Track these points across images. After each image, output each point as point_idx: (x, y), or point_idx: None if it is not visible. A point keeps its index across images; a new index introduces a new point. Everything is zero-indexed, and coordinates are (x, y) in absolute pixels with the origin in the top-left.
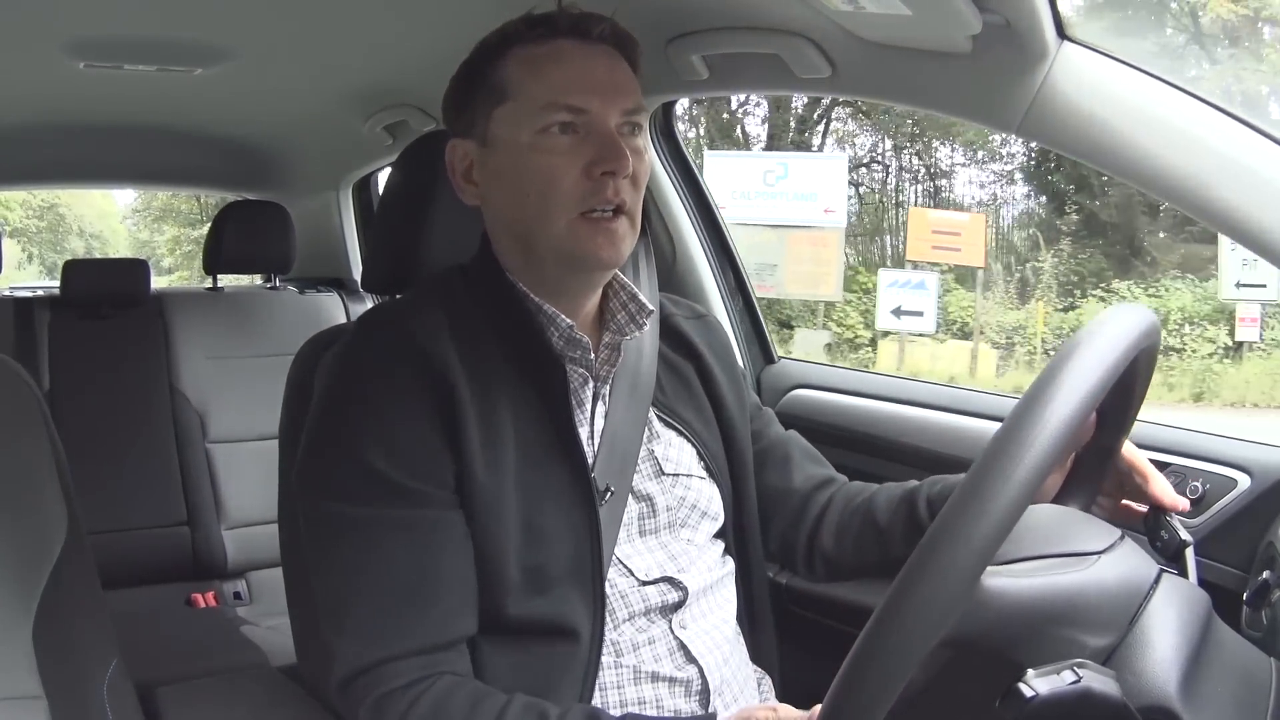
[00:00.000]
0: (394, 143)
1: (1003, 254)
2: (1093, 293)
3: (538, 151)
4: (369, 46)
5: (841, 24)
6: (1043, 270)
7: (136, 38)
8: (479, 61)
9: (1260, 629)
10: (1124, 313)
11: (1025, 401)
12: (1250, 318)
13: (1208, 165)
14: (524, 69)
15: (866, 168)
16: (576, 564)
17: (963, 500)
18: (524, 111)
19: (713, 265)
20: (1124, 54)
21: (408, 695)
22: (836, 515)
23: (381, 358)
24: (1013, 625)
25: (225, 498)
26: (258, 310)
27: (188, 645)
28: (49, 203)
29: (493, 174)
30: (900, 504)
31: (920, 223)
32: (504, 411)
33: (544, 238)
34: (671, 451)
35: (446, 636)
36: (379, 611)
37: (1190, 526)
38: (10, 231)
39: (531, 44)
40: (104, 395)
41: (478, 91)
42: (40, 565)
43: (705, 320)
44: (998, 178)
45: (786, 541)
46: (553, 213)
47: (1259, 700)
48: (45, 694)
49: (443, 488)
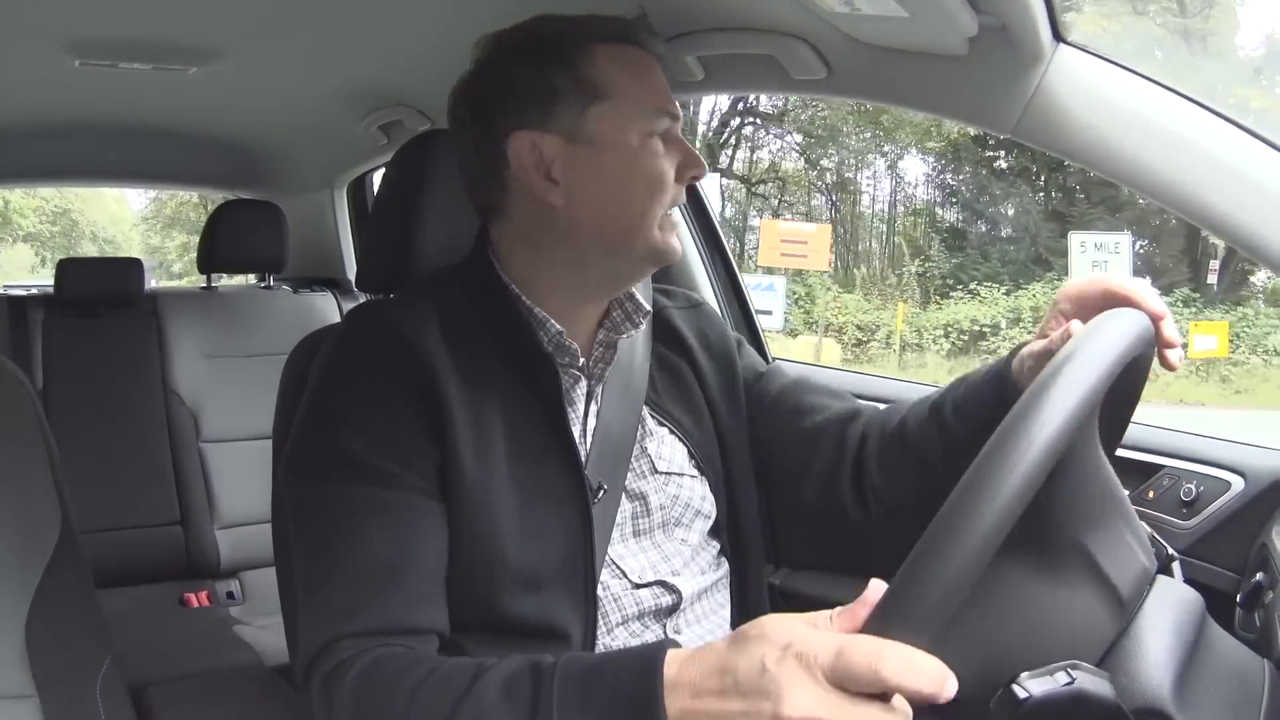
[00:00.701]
0: (389, 142)
1: (883, 260)
2: (953, 293)
3: (647, 153)
4: (364, 46)
5: (837, 25)
6: (908, 275)
7: (131, 36)
8: (559, 52)
9: (1253, 631)
10: (1122, 316)
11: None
12: None
13: (1202, 168)
14: (622, 69)
15: (763, 183)
16: (569, 563)
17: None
18: (630, 113)
19: (707, 268)
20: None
21: (349, 664)
22: (875, 447)
23: (366, 348)
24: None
25: (219, 497)
26: (252, 310)
27: (181, 645)
28: (61, 208)
29: (590, 173)
30: (930, 418)
31: (770, 233)
32: (494, 408)
33: (643, 235)
34: (664, 449)
35: (407, 623)
36: (343, 589)
37: (1184, 529)
38: (24, 236)
39: (614, 43)
40: (98, 394)
41: (563, 84)
42: (33, 564)
43: (700, 309)
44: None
45: (831, 485)
46: (655, 212)
47: (1252, 702)
48: (38, 693)
49: (422, 476)
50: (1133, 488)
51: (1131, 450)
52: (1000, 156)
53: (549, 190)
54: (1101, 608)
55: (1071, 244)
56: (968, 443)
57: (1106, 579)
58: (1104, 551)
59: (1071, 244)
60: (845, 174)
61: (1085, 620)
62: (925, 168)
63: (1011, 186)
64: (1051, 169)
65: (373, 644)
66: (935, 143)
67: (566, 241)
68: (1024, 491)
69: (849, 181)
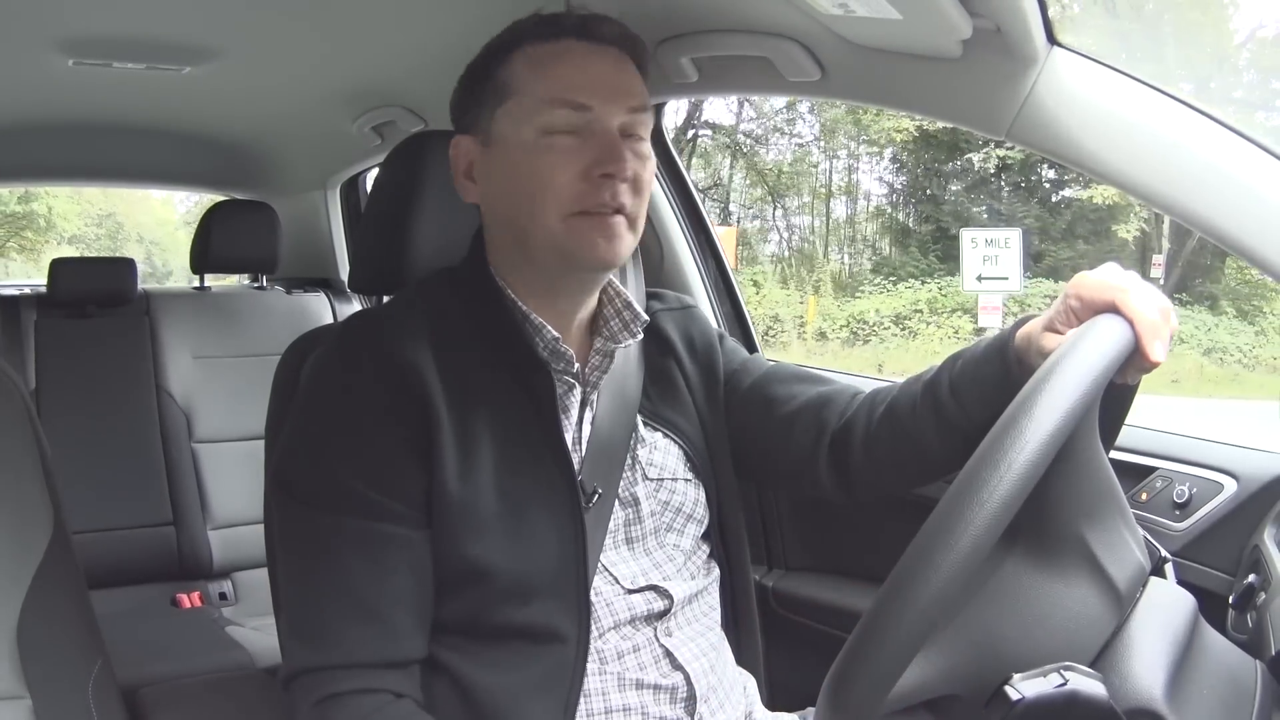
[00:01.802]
0: (382, 143)
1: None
2: (861, 290)
3: (538, 150)
4: (357, 47)
5: (831, 27)
6: (824, 271)
7: (126, 35)
8: (487, 60)
9: (1246, 631)
10: (1109, 322)
11: (1019, 403)
12: (992, 306)
13: (1195, 171)
14: (529, 67)
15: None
16: (562, 570)
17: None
18: (526, 109)
19: (699, 265)
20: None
21: (353, 704)
22: (862, 428)
23: (357, 374)
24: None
25: (211, 498)
26: (244, 310)
27: (173, 646)
28: (106, 211)
29: (492, 172)
30: (924, 398)
31: None
32: (485, 418)
33: (538, 236)
34: (656, 455)
35: (388, 656)
36: (326, 618)
37: (1177, 531)
38: (69, 239)
39: (539, 43)
40: (90, 394)
41: (483, 89)
42: (25, 564)
43: (688, 311)
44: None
45: (809, 467)
46: (547, 211)
47: (1244, 702)
48: (30, 694)
49: (410, 505)
50: (1126, 489)
51: (1125, 452)
52: (948, 159)
53: (469, 190)
54: (1099, 602)
55: (963, 240)
56: (965, 423)
57: (1104, 572)
58: (1102, 546)
59: (963, 240)
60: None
61: (1083, 615)
62: (879, 170)
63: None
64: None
65: (360, 680)
66: (878, 147)
67: (502, 241)
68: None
69: (790, 189)
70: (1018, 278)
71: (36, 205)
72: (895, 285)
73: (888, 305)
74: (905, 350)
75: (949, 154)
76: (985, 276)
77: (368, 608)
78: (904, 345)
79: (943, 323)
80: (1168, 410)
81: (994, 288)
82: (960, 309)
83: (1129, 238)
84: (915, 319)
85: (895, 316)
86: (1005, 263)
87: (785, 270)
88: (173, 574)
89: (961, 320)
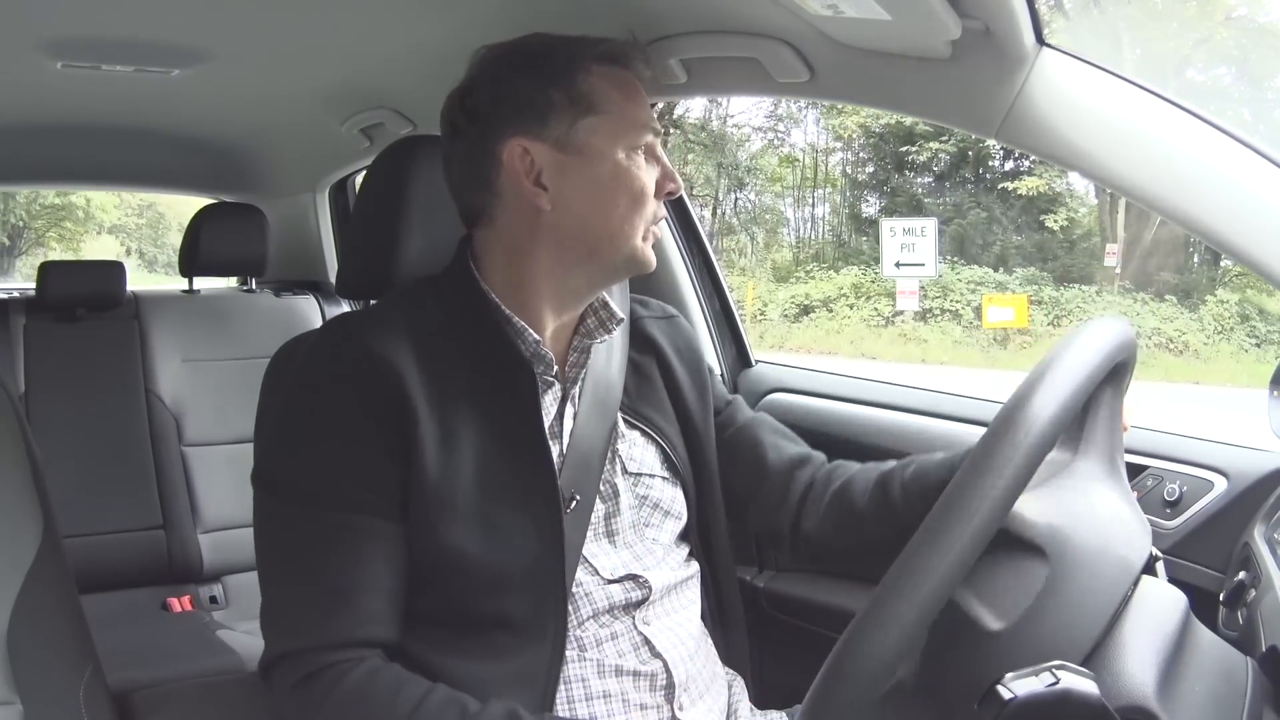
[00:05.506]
0: (371, 145)
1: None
2: (795, 275)
3: (631, 167)
4: (346, 49)
5: (820, 28)
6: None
7: (114, 38)
8: (557, 67)
9: (1237, 629)
10: (1104, 323)
11: (1011, 403)
12: (909, 290)
13: (1184, 171)
14: (613, 88)
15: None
16: (540, 562)
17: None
18: (618, 128)
19: (689, 270)
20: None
21: (330, 674)
22: (817, 498)
23: (337, 371)
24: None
25: (201, 501)
26: (233, 313)
27: (164, 650)
28: (147, 201)
29: (577, 181)
30: (875, 487)
31: None
32: (466, 420)
33: (623, 244)
34: (636, 451)
35: (361, 636)
36: (302, 606)
37: (1168, 529)
38: (109, 228)
39: (611, 66)
40: (79, 398)
41: (561, 97)
42: (15, 569)
43: (673, 321)
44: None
45: (770, 525)
46: (636, 223)
47: (1235, 699)
48: (20, 699)
49: (385, 498)
50: None
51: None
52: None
53: (537, 195)
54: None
55: (882, 228)
56: (910, 521)
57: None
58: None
59: (882, 228)
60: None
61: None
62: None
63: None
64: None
65: (335, 655)
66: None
67: (550, 246)
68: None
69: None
70: (933, 263)
71: (75, 196)
72: (834, 273)
73: (819, 290)
74: (835, 331)
75: (905, 142)
76: (903, 263)
77: (341, 595)
78: (831, 324)
79: (863, 306)
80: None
81: (911, 273)
82: (885, 294)
83: (1056, 228)
84: (841, 301)
85: (824, 300)
86: (921, 249)
87: (731, 258)
88: (163, 578)
89: (883, 304)
